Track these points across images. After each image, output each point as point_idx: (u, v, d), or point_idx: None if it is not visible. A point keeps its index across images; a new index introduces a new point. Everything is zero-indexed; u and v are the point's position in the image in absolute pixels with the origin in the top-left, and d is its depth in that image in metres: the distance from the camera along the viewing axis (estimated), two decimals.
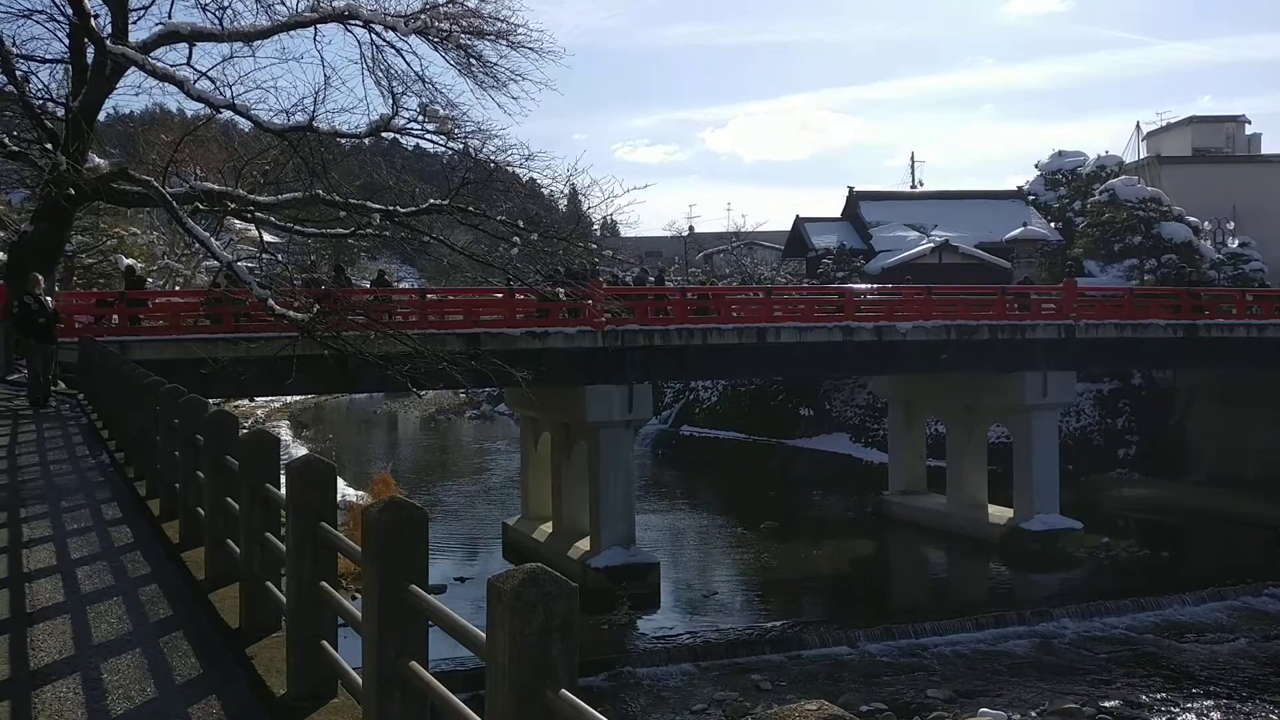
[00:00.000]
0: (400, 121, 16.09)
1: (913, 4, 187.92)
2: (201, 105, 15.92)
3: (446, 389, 20.90)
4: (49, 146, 16.34)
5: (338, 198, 16.59)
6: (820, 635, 20.49)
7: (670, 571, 24.75)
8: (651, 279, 28.59)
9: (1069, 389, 27.84)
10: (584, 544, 24.77)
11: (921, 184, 60.28)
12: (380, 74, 16.25)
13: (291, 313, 14.93)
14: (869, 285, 35.03)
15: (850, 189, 46.52)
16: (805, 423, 40.81)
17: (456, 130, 16.00)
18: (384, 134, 16.30)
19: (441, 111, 15.83)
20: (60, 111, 17.06)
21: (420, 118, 15.99)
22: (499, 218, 16.63)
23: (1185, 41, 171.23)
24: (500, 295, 22.25)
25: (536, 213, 17.64)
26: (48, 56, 17.16)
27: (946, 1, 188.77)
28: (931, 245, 41.87)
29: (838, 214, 47.23)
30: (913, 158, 72.61)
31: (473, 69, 16.39)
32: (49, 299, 15.63)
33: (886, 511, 31.37)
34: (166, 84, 15.52)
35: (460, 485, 38.96)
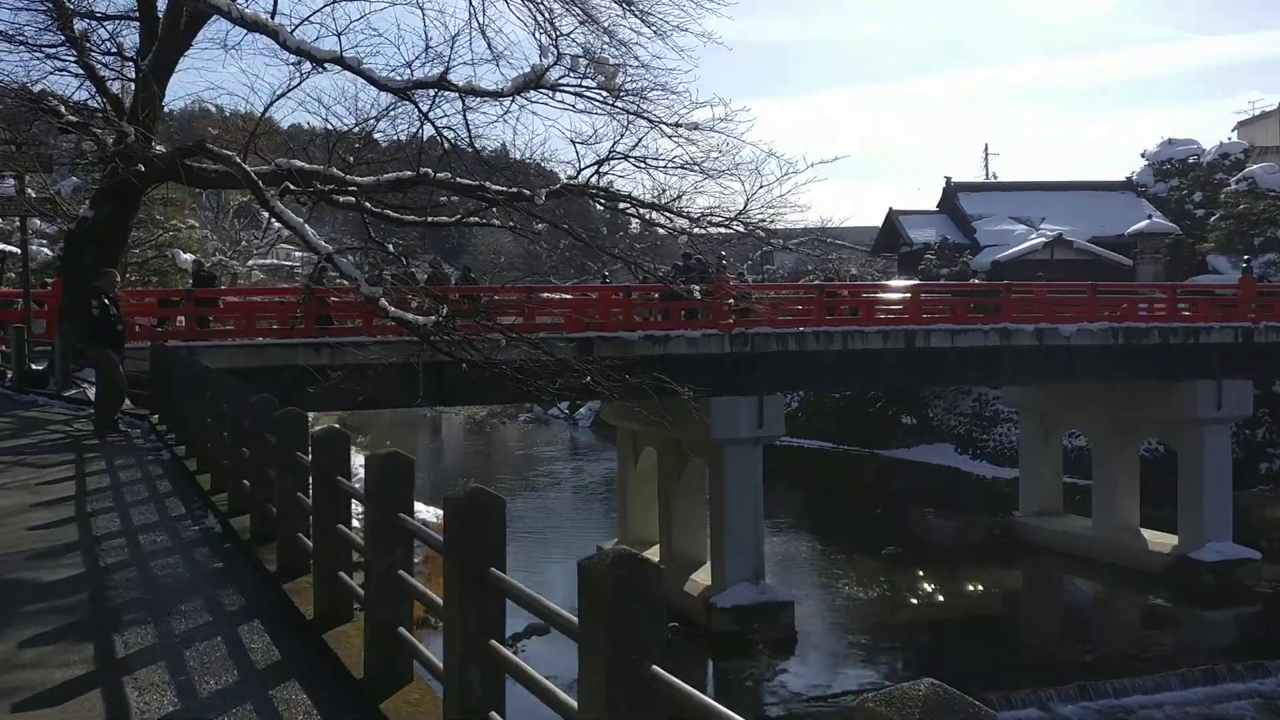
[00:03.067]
0: (555, 75, 13.13)
1: (949, 2, 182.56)
2: (296, 60, 13.04)
3: (584, 401, 17.89)
4: (113, 115, 13.61)
5: (454, 177, 13.69)
6: (1004, 695, 17.36)
7: (796, 608, 21.70)
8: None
9: (1245, 400, 24.48)
10: (701, 577, 21.80)
11: (995, 176, 57.09)
12: (533, 13, 13.21)
13: (410, 315, 12.06)
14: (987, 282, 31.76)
15: (948, 179, 43.26)
16: (903, 432, 37.60)
17: (630, 82, 13.02)
18: (539, 89, 13.32)
19: (611, 60, 12.85)
20: (129, 73, 14.28)
21: (583, 64, 12.96)
22: (645, 198, 13.66)
23: (1223, 36, 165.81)
24: (617, 293, 19.26)
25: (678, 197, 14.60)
26: (110, 11, 14.47)
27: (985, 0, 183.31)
28: (1043, 240, 38.45)
29: (933, 206, 43.94)
30: (986, 150, 69.15)
31: (626, 17, 13.37)
32: None
33: (1018, 534, 28.11)
34: (258, 34, 12.68)
35: (533, 500, 36.07)
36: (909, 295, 22.98)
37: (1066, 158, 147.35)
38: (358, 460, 7.16)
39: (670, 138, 13.51)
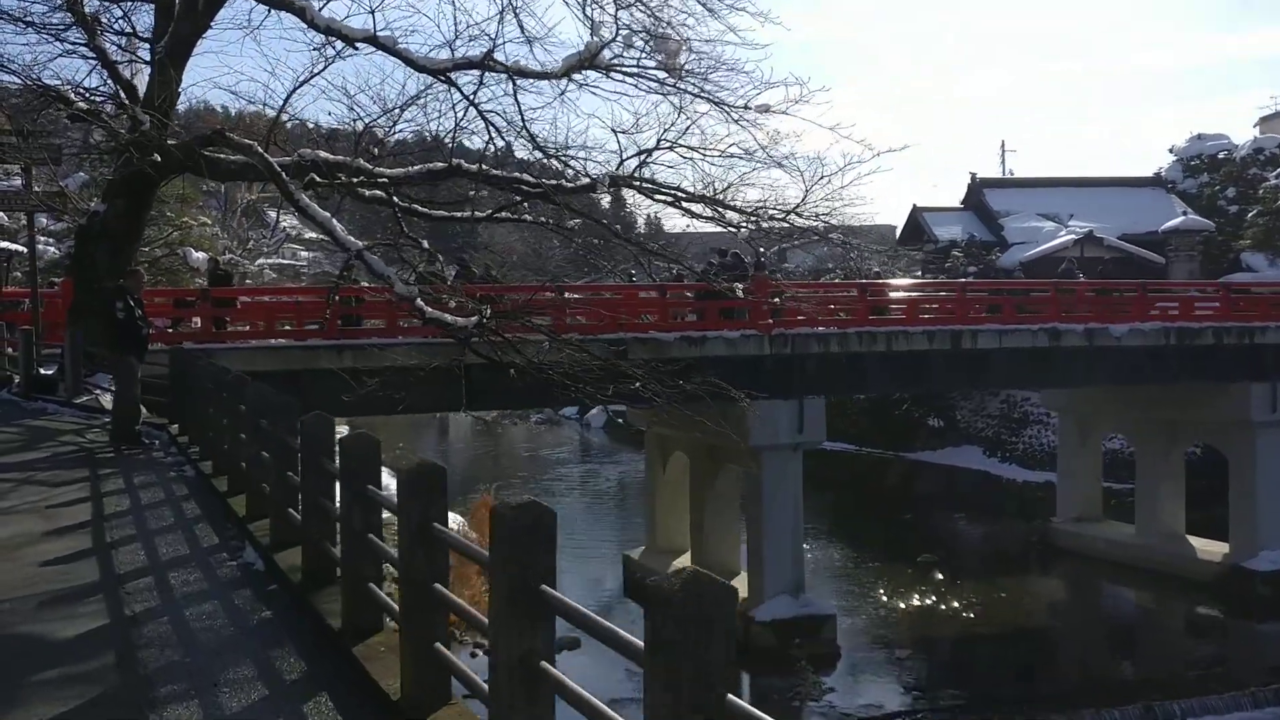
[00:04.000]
0: (609, 55, 12.11)
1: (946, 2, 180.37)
2: (322, 43, 12.11)
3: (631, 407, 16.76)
4: (127, 101, 12.68)
5: (491, 169, 12.73)
6: (1067, 716, 16.48)
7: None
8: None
9: None
10: (736, 588, 20.87)
11: (1012, 173, 56.24)
12: None
13: (448, 316, 11.14)
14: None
15: (973, 175, 42.35)
16: (927, 434, 36.63)
17: (695, 63, 12.01)
18: (592, 69, 12.34)
19: (674, 38, 11.81)
20: (143, 56, 13.34)
21: (642, 41, 11.91)
22: (695, 190, 12.70)
23: (1222, 35, 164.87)
24: (654, 292, 18.33)
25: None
26: None
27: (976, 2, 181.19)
28: (1073, 237, 37.48)
29: (957, 203, 43.02)
30: (1003, 146, 67.93)
31: None
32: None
33: (1056, 541, 27.17)
34: (284, 13, 11.76)
35: (552, 504, 34.98)
36: (957, 294, 21.99)
37: (1067, 157, 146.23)
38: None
39: (737, 121, 12.53)
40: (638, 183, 13.08)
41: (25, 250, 16.47)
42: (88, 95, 13.19)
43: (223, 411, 8.53)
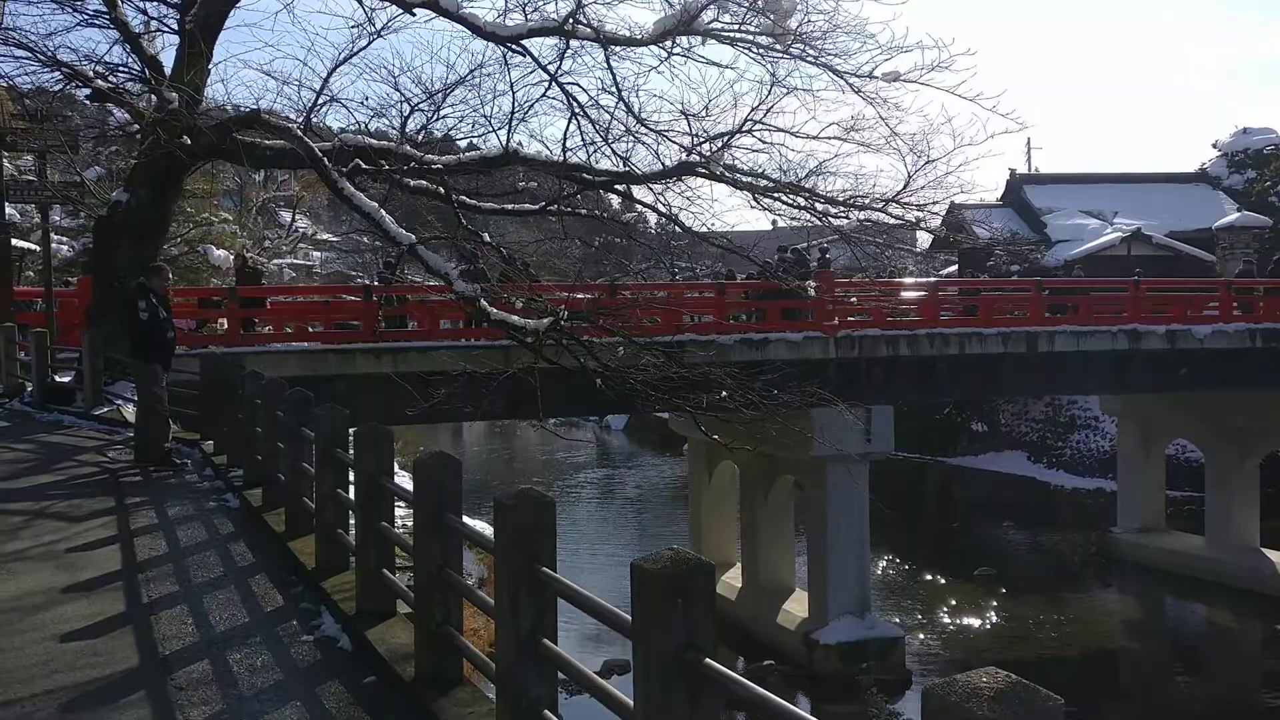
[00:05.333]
0: (707, 18, 10.65)
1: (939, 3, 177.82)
2: (363, 20, 10.80)
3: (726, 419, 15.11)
4: (152, 78, 11.39)
5: (553, 156, 11.43)
6: None
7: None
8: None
9: None
10: (794, 607, 19.55)
11: (1039, 170, 54.77)
12: None
13: (514, 317, 9.84)
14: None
15: (1011, 171, 41.00)
16: (967, 439, 35.27)
17: (808, 25, 10.56)
18: (690, 33, 10.91)
19: None
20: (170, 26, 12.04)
21: (748, 2, 10.34)
22: (780, 179, 11.34)
23: (1218, 35, 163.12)
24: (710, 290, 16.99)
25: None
26: None
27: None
28: (1119, 235, 36.11)
29: (995, 199, 41.50)
30: (1029, 143, 65.80)
31: None
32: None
33: (1116, 553, 25.81)
34: None
35: (578, 510, 33.80)
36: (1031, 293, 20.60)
37: (1068, 159, 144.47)
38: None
39: (858, 92, 11.04)
40: (720, 171, 11.72)
41: (38, 248, 15.17)
42: (108, 72, 11.90)
43: (276, 433, 7.22)
